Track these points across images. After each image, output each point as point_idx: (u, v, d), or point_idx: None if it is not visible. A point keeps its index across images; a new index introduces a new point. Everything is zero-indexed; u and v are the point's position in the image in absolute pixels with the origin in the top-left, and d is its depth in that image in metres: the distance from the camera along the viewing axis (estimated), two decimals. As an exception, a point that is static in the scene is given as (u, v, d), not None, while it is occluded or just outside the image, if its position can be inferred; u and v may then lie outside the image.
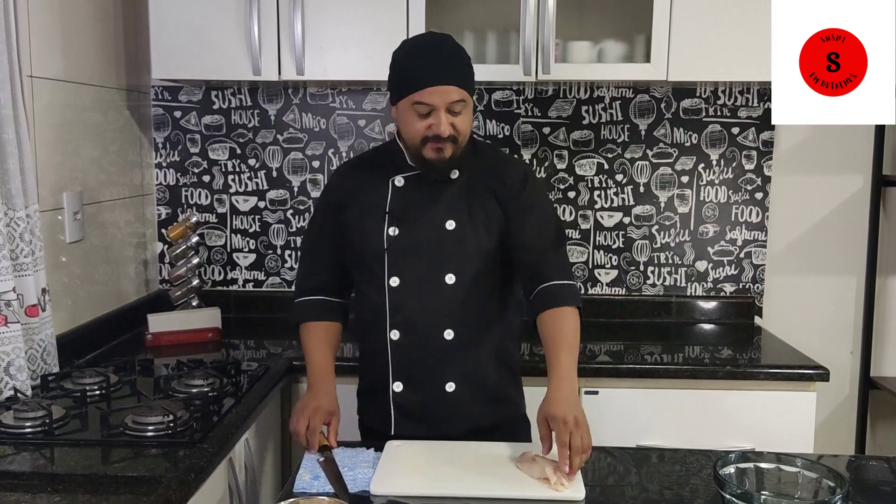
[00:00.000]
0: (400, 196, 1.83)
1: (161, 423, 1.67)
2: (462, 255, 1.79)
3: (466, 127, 1.76)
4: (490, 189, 1.82)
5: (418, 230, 1.80)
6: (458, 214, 1.80)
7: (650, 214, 2.81)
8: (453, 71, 1.72)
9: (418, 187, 1.82)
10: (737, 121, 2.75)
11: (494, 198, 1.81)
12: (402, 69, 1.75)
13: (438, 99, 1.69)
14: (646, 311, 2.84)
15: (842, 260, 2.84)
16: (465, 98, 1.73)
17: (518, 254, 1.81)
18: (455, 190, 1.82)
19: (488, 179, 1.83)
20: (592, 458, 1.67)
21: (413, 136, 1.74)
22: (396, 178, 1.83)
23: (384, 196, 1.83)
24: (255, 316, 2.86)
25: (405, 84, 1.73)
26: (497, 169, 1.85)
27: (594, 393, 2.29)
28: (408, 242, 1.80)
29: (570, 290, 1.78)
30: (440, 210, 1.80)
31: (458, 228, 1.79)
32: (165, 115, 2.81)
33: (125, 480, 1.46)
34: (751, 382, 2.29)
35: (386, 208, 1.82)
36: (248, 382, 2.03)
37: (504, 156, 1.96)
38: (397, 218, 1.81)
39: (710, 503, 1.47)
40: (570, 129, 2.78)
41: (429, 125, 1.71)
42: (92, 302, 2.39)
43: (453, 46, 1.77)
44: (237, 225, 2.86)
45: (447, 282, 1.79)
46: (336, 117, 2.80)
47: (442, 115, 1.70)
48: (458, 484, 1.53)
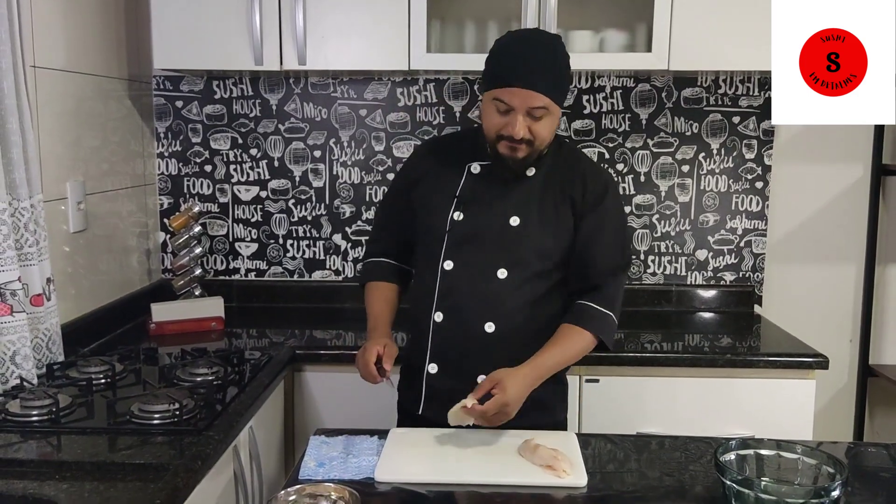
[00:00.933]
0: (472, 183, 1.82)
1: (167, 412, 1.69)
2: (520, 253, 1.78)
3: (546, 133, 1.72)
4: (567, 194, 1.79)
5: (482, 219, 1.80)
6: (526, 212, 1.78)
7: (651, 204, 2.82)
8: (542, 76, 1.67)
9: (493, 178, 1.81)
10: (737, 110, 2.76)
11: (570, 203, 1.79)
12: (494, 61, 1.72)
13: (518, 101, 1.66)
14: (646, 300, 2.85)
15: (841, 249, 2.85)
16: (549, 106, 1.68)
17: (576, 263, 1.80)
18: (529, 187, 1.80)
19: (568, 183, 1.80)
20: (593, 444, 1.70)
21: (489, 129, 1.73)
22: (473, 164, 1.83)
23: (457, 180, 1.83)
24: (257, 305, 2.87)
25: (491, 77, 1.71)
26: (579, 175, 1.81)
27: (595, 381, 2.31)
28: (469, 229, 1.80)
29: (603, 319, 1.77)
30: (508, 204, 1.79)
31: (521, 225, 1.78)
32: (167, 104, 2.81)
33: (132, 468, 1.48)
34: (750, 370, 2.30)
35: (456, 192, 1.82)
36: (251, 371, 2.05)
37: (589, 162, 1.91)
38: (465, 204, 1.81)
39: (710, 490, 1.49)
40: (572, 118, 2.78)
41: (505, 123, 1.69)
42: (96, 291, 2.40)
43: (554, 50, 1.70)
44: (239, 214, 2.87)
45: (499, 276, 1.78)
46: (337, 107, 2.81)
47: (519, 117, 1.67)
48: (461, 471, 1.55)
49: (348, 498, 1.32)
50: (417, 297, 1.90)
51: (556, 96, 1.71)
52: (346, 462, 1.59)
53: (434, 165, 1.88)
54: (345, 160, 2.83)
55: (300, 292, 2.88)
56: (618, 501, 1.46)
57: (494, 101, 1.69)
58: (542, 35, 1.77)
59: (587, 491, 1.49)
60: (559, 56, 1.72)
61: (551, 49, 1.71)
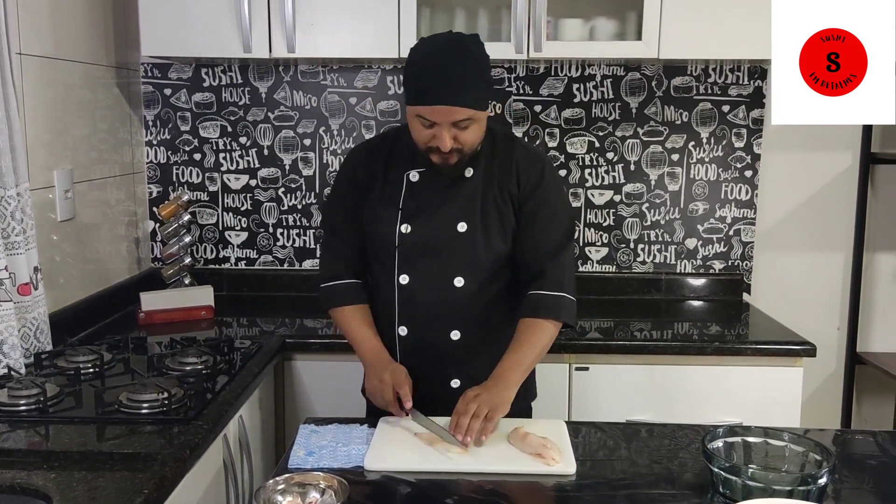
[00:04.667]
0: (414, 192, 1.79)
1: (155, 401, 1.68)
2: (472, 259, 1.78)
3: (474, 139, 1.70)
4: (505, 190, 1.78)
5: (430, 229, 1.78)
6: (471, 216, 1.77)
7: (640, 192, 2.82)
8: (462, 89, 1.63)
9: (432, 184, 1.78)
10: (727, 99, 2.76)
11: (510, 198, 1.78)
12: (411, 76, 1.68)
13: (441, 116, 1.63)
14: (636, 288, 2.86)
15: (830, 237, 2.86)
16: (473, 115, 1.65)
17: (519, 254, 1.80)
18: (469, 189, 1.78)
19: (504, 179, 1.79)
20: (583, 432, 1.70)
21: (417, 141, 1.71)
22: (411, 172, 1.80)
23: (398, 190, 1.80)
24: (247, 294, 2.86)
25: (412, 93, 1.68)
26: (514, 167, 1.79)
27: (584, 369, 2.32)
28: (419, 241, 1.78)
29: (557, 303, 1.76)
30: (453, 211, 1.78)
31: (469, 231, 1.77)
32: (155, 92, 2.79)
33: (120, 457, 1.48)
34: (739, 358, 2.32)
35: (399, 204, 1.79)
36: (241, 360, 2.04)
37: (523, 151, 1.84)
38: (410, 215, 1.79)
39: (698, 477, 1.49)
40: (562, 107, 2.78)
41: (432, 136, 1.66)
42: (84, 280, 2.39)
43: (468, 58, 1.65)
44: (229, 203, 2.86)
45: (456, 284, 1.78)
46: (327, 95, 2.79)
47: (444, 131, 1.64)
48: (450, 459, 1.55)
49: (337, 487, 1.32)
50: (378, 309, 1.88)
51: (479, 104, 1.67)
52: (336, 451, 1.58)
53: (373, 175, 1.83)
54: (335, 148, 2.82)
55: (290, 281, 2.87)
56: (607, 489, 1.46)
57: (418, 118, 1.66)
58: (455, 42, 1.68)
59: (576, 478, 1.49)
60: (476, 61, 1.66)
61: (467, 56, 1.65)
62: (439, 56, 1.65)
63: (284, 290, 2.87)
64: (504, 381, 1.68)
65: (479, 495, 1.45)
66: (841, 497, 1.41)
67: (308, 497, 1.33)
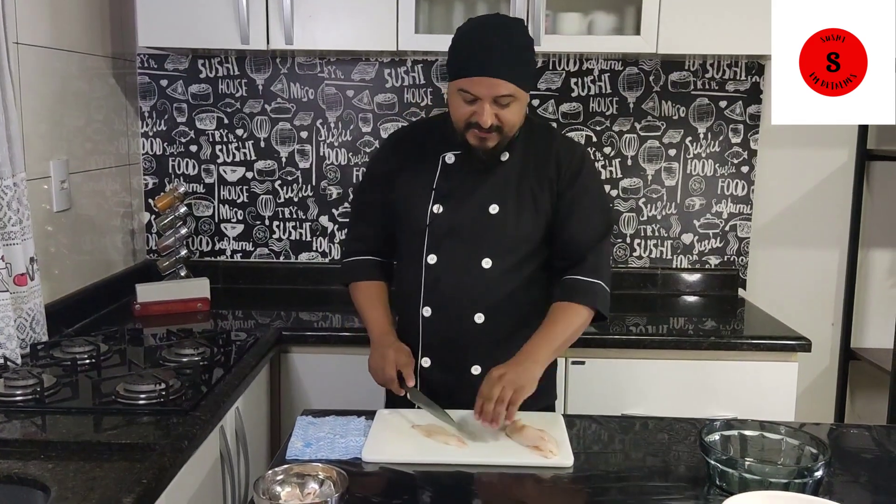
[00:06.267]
0: (448, 174, 1.80)
1: (153, 392, 1.68)
2: (502, 241, 1.77)
3: (514, 119, 1.70)
4: (544, 175, 1.78)
5: (462, 211, 1.78)
6: (504, 199, 1.77)
7: (637, 187, 2.83)
8: (506, 64, 1.63)
9: (468, 166, 1.78)
10: (724, 94, 2.76)
11: (547, 185, 1.77)
12: (457, 50, 1.68)
13: (484, 90, 1.63)
14: (632, 283, 2.86)
15: (825, 233, 2.87)
16: (515, 93, 1.65)
17: (558, 242, 1.79)
18: (505, 173, 1.78)
19: (542, 166, 1.78)
20: (578, 425, 1.71)
21: (457, 119, 1.71)
22: (447, 154, 1.80)
23: (433, 171, 1.80)
24: (243, 287, 2.86)
25: (455, 67, 1.68)
26: (553, 155, 1.79)
27: (581, 363, 2.32)
28: (450, 222, 1.78)
29: (592, 290, 1.75)
30: (486, 193, 1.77)
31: (501, 213, 1.77)
32: (152, 83, 2.78)
33: (118, 447, 1.47)
34: (734, 353, 2.32)
35: (433, 185, 1.79)
36: (237, 352, 2.04)
37: (562, 139, 1.87)
38: (443, 196, 1.79)
39: (694, 470, 1.50)
40: (560, 101, 2.78)
41: (472, 112, 1.66)
42: (80, 271, 2.38)
43: (516, 35, 1.67)
44: (225, 195, 2.85)
45: (483, 266, 1.77)
46: (325, 87, 2.78)
47: (486, 106, 1.64)
48: (447, 451, 1.55)
49: (336, 478, 1.32)
50: (403, 291, 1.87)
51: (522, 82, 1.68)
52: (334, 442, 1.59)
53: (407, 158, 1.85)
54: (331, 141, 2.81)
55: (286, 274, 2.87)
56: (603, 481, 1.47)
57: (460, 92, 1.67)
58: (503, 20, 1.71)
59: (573, 471, 1.50)
60: (522, 40, 1.68)
61: (513, 34, 1.67)
62: (486, 30, 1.67)
63: (281, 283, 2.86)
64: (532, 357, 1.66)
65: (476, 487, 1.45)
66: (836, 490, 1.41)
67: (307, 488, 1.33)
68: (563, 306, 1.75)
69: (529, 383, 1.62)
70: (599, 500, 1.40)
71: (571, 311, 1.74)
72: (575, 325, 1.74)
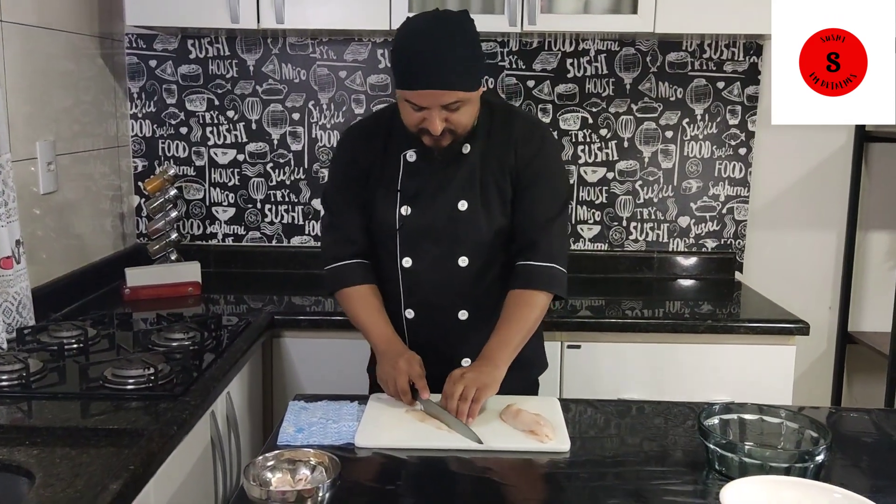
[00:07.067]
0: (412, 172, 1.75)
1: (141, 377, 1.65)
2: (475, 238, 1.74)
3: (466, 120, 1.65)
4: (505, 163, 1.73)
5: (431, 211, 1.74)
6: (471, 194, 1.73)
7: (634, 170, 2.79)
8: (450, 72, 1.56)
9: (430, 163, 1.73)
10: (722, 75, 2.73)
11: (508, 172, 1.73)
12: (398, 60, 1.62)
13: (429, 101, 1.58)
14: (628, 267, 2.83)
15: (823, 215, 2.85)
16: (463, 98, 1.60)
17: (514, 224, 1.76)
18: (468, 166, 1.73)
19: (502, 152, 1.73)
20: (574, 410, 1.68)
21: (408, 124, 1.66)
22: (408, 152, 1.74)
23: (395, 171, 1.75)
24: (235, 271, 2.82)
25: (398, 77, 1.62)
26: (511, 139, 1.73)
27: (576, 347, 2.30)
28: (420, 223, 1.74)
29: (547, 274, 1.72)
30: (453, 190, 1.73)
31: (470, 209, 1.73)
32: (140, 63, 2.73)
33: (105, 433, 1.44)
34: (732, 336, 2.30)
35: (398, 186, 1.75)
36: (228, 337, 2.01)
37: (522, 123, 1.77)
38: (409, 197, 1.74)
39: (691, 455, 1.48)
40: (555, 82, 2.74)
41: (422, 119, 1.61)
42: (67, 255, 2.34)
43: (455, 38, 1.58)
44: (216, 178, 2.81)
45: (460, 265, 1.75)
46: (316, 68, 2.74)
47: (434, 114, 1.59)
48: (442, 437, 1.52)
49: (327, 463, 1.29)
50: (383, 292, 1.82)
51: (469, 85, 1.60)
52: (326, 428, 1.56)
53: (370, 156, 1.78)
54: (324, 123, 2.77)
55: (278, 258, 2.84)
56: (600, 466, 1.44)
57: (406, 101, 1.61)
58: (442, 22, 1.61)
59: (570, 456, 1.47)
60: (463, 42, 1.59)
61: (454, 37, 1.58)
62: (425, 37, 1.58)
63: (272, 266, 2.83)
64: (492, 360, 1.65)
65: (471, 472, 1.43)
66: (836, 474, 1.39)
67: (298, 474, 1.30)
68: (518, 297, 1.72)
69: (492, 384, 1.60)
70: (596, 485, 1.37)
71: (527, 302, 1.71)
72: (533, 315, 1.72)
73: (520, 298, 1.72)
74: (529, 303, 1.72)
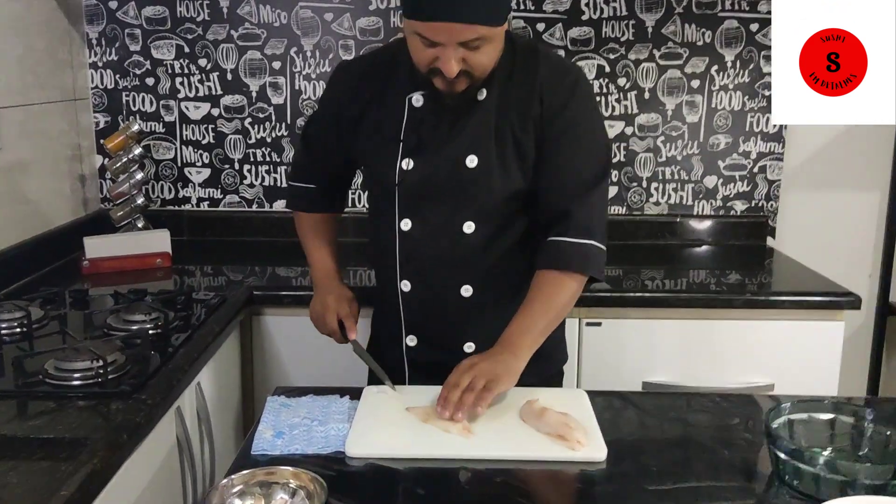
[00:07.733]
0: (417, 120, 1.49)
1: (89, 370, 1.39)
2: (485, 200, 1.48)
3: (487, 61, 1.39)
4: (527, 115, 1.46)
5: (435, 165, 1.48)
6: (484, 149, 1.46)
7: (655, 124, 2.53)
8: (468, 2, 1.31)
9: (439, 109, 1.47)
10: (756, 16, 2.46)
11: (532, 126, 1.46)
12: None
13: (444, 36, 1.32)
14: (648, 233, 2.59)
15: (864, 175, 2.62)
16: (485, 34, 1.34)
17: (540, 190, 1.49)
18: (483, 115, 1.46)
19: (525, 101, 1.46)
20: (600, 404, 1.42)
21: (418, 63, 1.39)
22: (414, 95, 1.48)
23: (399, 116, 1.50)
24: (210, 239, 2.58)
25: (406, 2, 1.35)
26: (536, 87, 1.47)
27: (597, 325, 2.05)
28: (423, 179, 1.49)
29: (582, 252, 1.46)
30: (463, 142, 1.47)
31: (481, 165, 1.46)
32: (99, 5, 2.44)
33: (40, 443, 1.19)
34: (770, 311, 2.06)
35: (401, 135, 1.49)
36: (199, 316, 1.76)
37: (550, 65, 1.51)
38: (412, 148, 1.49)
39: (750, 463, 1.22)
40: (568, 25, 2.47)
41: (435, 56, 1.35)
42: (17, 223, 2.08)
43: None
44: (188, 136, 2.53)
45: (465, 231, 1.50)
46: (299, 10, 2.46)
47: (450, 52, 1.33)
48: (451, 442, 1.27)
49: (311, 487, 1.03)
50: (378, 260, 1.63)
51: (493, 18, 1.35)
52: (311, 431, 1.30)
53: (368, 98, 1.53)
54: (308, 73, 2.50)
55: (259, 225, 2.59)
56: (643, 481, 1.18)
57: (417, 35, 1.34)
58: None
59: (606, 466, 1.22)
60: None
61: None
62: None
63: (253, 234, 2.58)
64: (511, 348, 1.40)
65: (486, 488, 1.17)
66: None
67: (274, 499, 1.04)
68: (547, 277, 1.47)
69: (507, 375, 1.36)
70: (642, 505, 1.12)
71: (556, 283, 1.46)
72: (562, 299, 1.47)
73: (548, 280, 1.46)
74: (558, 285, 1.45)
